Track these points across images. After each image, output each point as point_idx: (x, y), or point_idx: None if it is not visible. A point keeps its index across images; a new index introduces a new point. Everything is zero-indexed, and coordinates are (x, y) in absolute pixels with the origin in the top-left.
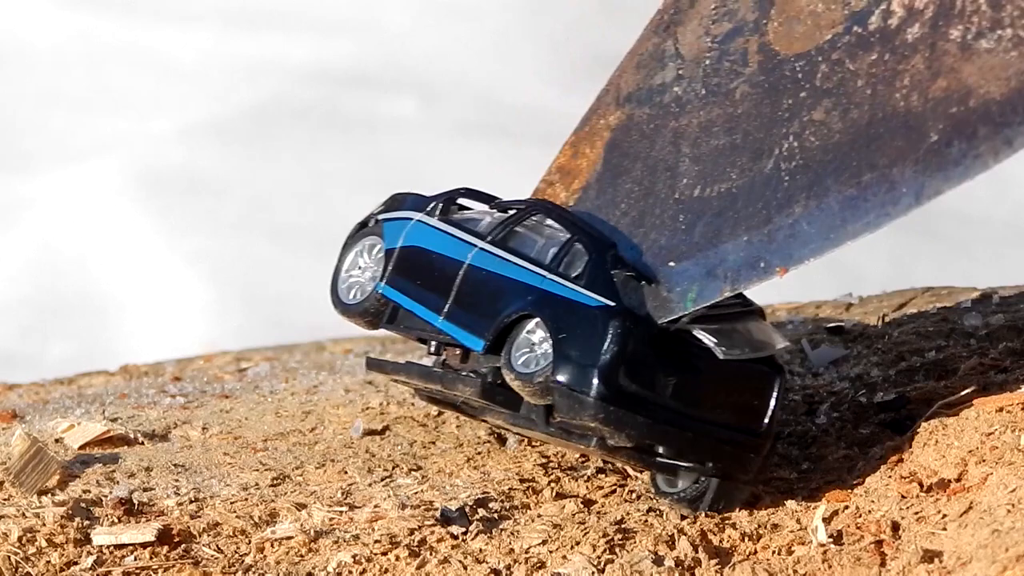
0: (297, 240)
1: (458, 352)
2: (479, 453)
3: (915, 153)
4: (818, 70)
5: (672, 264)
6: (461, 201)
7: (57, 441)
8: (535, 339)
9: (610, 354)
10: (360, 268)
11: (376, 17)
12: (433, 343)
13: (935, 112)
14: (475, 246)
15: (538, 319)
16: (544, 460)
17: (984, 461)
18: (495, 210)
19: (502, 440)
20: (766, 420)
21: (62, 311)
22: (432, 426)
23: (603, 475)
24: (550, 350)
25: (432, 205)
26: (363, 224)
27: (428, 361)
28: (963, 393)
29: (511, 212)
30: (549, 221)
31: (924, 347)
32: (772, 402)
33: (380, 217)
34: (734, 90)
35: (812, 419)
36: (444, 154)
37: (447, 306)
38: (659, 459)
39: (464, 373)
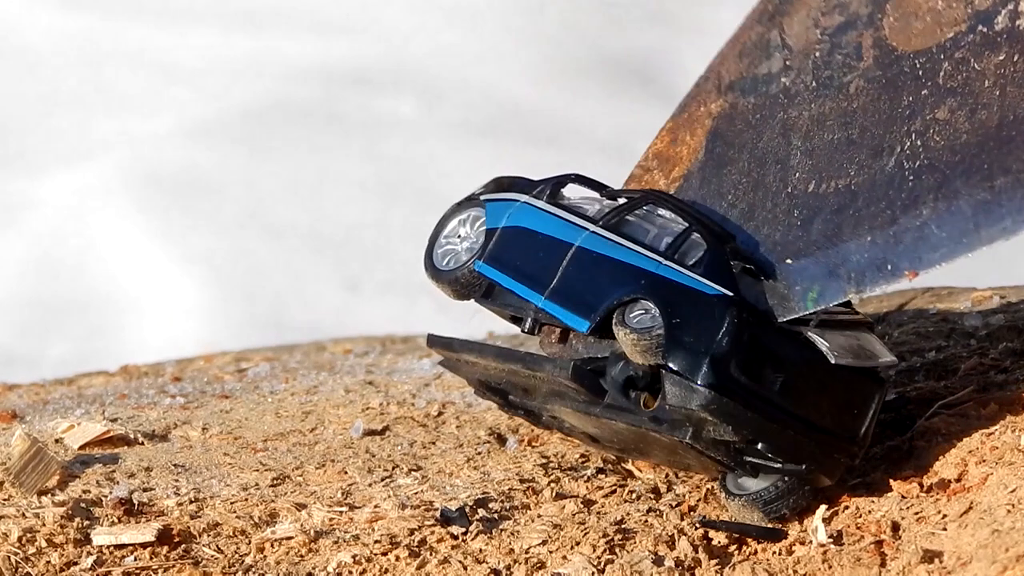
0: (297, 240)
1: (556, 332)
2: (479, 453)
3: None
4: (940, 68)
5: (790, 261)
6: (568, 190)
7: (57, 441)
8: (648, 309)
9: (725, 343)
10: (459, 237)
11: (376, 17)
12: (528, 321)
13: None
14: (586, 229)
15: (650, 302)
16: (544, 460)
17: (984, 461)
18: (604, 198)
19: (502, 440)
20: (863, 429)
21: (62, 311)
22: (432, 426)
23: (603, 475)
24: (663, 324)
25: (539, 188)
26: (465, 200)
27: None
28: (963, 393)
29: (623, 200)
30: (662, 211)
31: (924, 347)
32: (871, 412)
33: (484, 197)
34: (848, 84)
35: None
36: (444, 154)
37: (551, 286)
38: (747, 458)
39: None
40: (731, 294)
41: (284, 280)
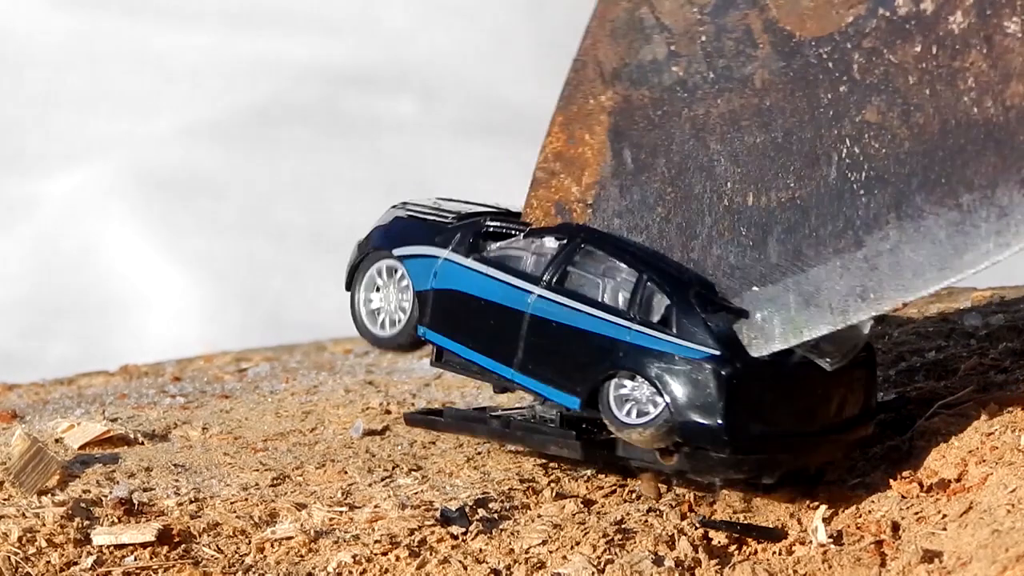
0: (297, 240)
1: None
2: (479, 453)
3: (1018, 172)
4: (852, 60)
5: (756, 288)
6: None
7: (57, 441)
8: (636, 390)
9: (735, 406)
10: (377, 289)
11: (376, 17)
12: (498, 387)
13: (1021, 122)
14: (531, 292)
15: (637, 375)
16: (544, 460)
17: (984, 461)
18: (530, 241)
19: None
20: (873, 402)
21: (62, 311)
22: None
23: (603, 475)
24: (659, 399)
25: (456, 241)
26: (363, 247)
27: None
28: (963, 393)
29: (551, 243)
30: (598, 252)
31: (924, 347)
32: (872, 383)
33: (399, 253)
34: (751, 77)
35: None
36: (444, 154)
37: (518, 359)
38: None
39: (555, 428)
40: (718, 352)
41: (284, 280)
